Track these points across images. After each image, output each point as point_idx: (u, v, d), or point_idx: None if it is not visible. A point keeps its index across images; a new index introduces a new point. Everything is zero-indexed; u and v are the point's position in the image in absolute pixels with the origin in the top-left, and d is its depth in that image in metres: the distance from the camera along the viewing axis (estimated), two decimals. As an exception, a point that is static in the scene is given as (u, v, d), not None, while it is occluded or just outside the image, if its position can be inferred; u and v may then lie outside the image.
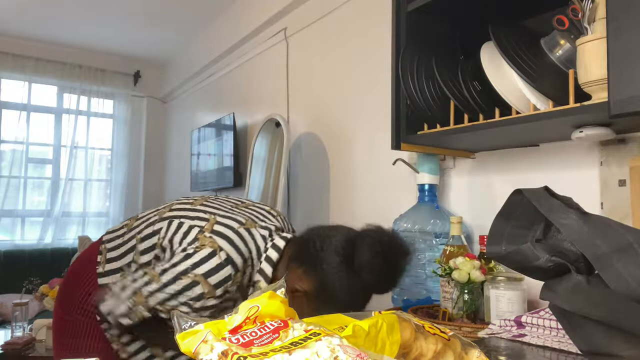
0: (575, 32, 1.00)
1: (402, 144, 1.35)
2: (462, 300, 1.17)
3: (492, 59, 1.14)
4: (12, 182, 4.12)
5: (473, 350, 0.58)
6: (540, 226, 0.68)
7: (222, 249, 0.96)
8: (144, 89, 4.75)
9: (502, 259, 0.69)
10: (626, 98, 0.83)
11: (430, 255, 1.45)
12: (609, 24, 0.86)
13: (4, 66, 4.06)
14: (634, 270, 0.55)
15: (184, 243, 1.00)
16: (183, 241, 1.00)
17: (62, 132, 4.37)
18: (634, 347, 0.61)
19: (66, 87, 4.38)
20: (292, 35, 2.61)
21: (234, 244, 0.98)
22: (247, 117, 3.22)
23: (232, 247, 0.97)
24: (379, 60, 1.94)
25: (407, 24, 1.35)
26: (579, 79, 0.98)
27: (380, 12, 1.92)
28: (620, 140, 1.15)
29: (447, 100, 1.26)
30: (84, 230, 4.43)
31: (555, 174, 1.32)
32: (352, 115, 2.13)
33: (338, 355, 0.42)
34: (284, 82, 2.66)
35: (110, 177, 4.63)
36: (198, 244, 0.97)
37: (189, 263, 0.94)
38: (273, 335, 0.46)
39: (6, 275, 3.73)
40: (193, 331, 0.48)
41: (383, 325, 0.52)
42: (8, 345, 2.21)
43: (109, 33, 3.98)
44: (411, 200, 1.70)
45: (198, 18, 3.51)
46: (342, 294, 0.95)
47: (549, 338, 0.93)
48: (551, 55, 1.11)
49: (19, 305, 2.40)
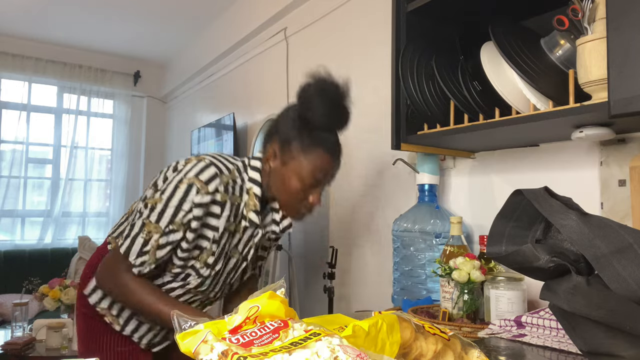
0: (575, 32, 1.00)
1: (402, 144, 1.35)
2: (462, 300, 1.17)
3: (492, 59, 1.14)
4: (12, 182, 4.12)
5: (473, 350, 0.58)
6: (540, 226, 0.68)
7: (206, 158, 1.11)
8: (144, 89, 4.75)
9: (502, 260, 0.69)
10: (626, 98, 0.83)
11: (430, 255, 1.45)
12: (609, 23, 0.86)
13: (4, 66, 4.07)
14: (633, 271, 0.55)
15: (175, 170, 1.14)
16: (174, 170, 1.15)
17: (62, 132, 4.37)
18: (634, 347, 0.61)
19: (66, 87, 4.38)
20: (292, 35, 2.61)
21: (216, 157, 1.14)
22: (247, 117, 3.22)
23: (215, 158, 1.12)
24: (379, 60, 1.93)
25: (407, 24, 1.35)
26: (579, 79, 0.98)
27: (380, 12, 1.92)
28: (620, 140, 1.15)
29: (447, 100, 1.26)
30: (84, 230, 4.43)
31: (555, 174, 1.32)
32: (352, 115, 2.13)
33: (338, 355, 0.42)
34: (284, 82, 2.66)
35: (110, 177, 4.63)
36: (185, 161, 1.13)
37: (181, 173, 1.09)
38: (273, 335, 0.46)
39: (6, 275, 3.73)
40: (193, 331, 0.48)
41: (383, 325, 0.52)
42: (8, 345, 2.21)
43: (109, 33, 3.98)
44: (411, 200, 1.70)
45: (198, 18, 3.51)
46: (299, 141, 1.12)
47: (549, 338, 0.93)
48: (551, 55, 1.11)
49: (19, 305, 2.40)
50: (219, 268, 1.17)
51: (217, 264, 1.16)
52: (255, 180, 1.15)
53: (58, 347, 2.27)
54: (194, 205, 1.06)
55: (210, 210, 1.09)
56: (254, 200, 1.14)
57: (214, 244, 1.13)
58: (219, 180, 1.08)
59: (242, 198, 1.14)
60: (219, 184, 1.08)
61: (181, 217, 1.06)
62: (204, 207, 1.07)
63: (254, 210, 1.14)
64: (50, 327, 2.30)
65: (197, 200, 1.06)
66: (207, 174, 1.07)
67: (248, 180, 1.15)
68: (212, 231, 1.12)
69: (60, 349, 2.26)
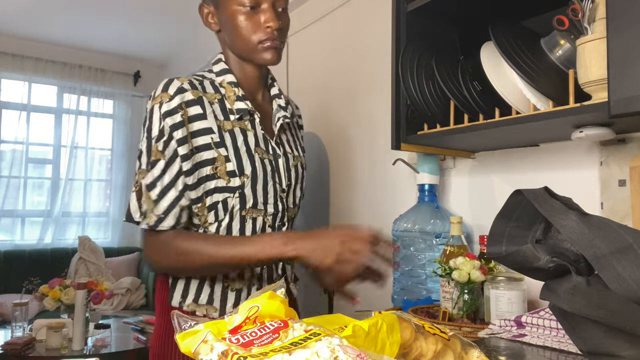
0: (575, 32, 1.00)
1: (402, 144, 1.35)
2: (462, 300, 1.17)
3: (492, 59, 1.14)
4: (12, 182, 4.12)
5: (473, 350, 0.58)
6: (540, 226, 0.68)
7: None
8: (144, 89, 4.75)
9: (502, 260, 0.69)
10: (626, 98, 0.83)
11: (430, 255, 1.45)
12: (609, 23, 0.86)
13: (4, 66, 4.07)
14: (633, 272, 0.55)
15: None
16: None
17: (62, 132, 4.37)
18: (634, 347, 0.61)
19: (66, 87, 4.38)
20: (292, 35, 2.61)
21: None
22: (247, 117, 3.22)
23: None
24: (379, 60, 1.93)
25: (407, 24, 1.35)
26: (579, 79, 0.98)
27: (380, 12, 1.93)
28: (620, 140, 1.15)
29: (447, 100, 1.26)
30: (84, 230, 4.43)
31: (555, 174, 1.32)
32: (352, 115, 2.13)
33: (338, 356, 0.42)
34: (284, 82, 2.66)
35: (110, 177, 4.63)
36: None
37: (148, 107, 1.01)
38: (273, 335, 0.46)
39: (6, 275, 3.73)
40: (193, 331, 0.48)
41: (383, 325, 0.52)
42: (8, 346, 2.22)
43: (109, 33, 3.98)
44: (411, 200, 1.70)
45: (198, 18, 3.49)
46: None
47: (549, 338, 0.93)
48: (551, 55, 1.11)
49: (19, 305, 2.40)
50: (250, 172, 1.02)
51: (243, 168, 1.01)
52: (222, 69, 1.08)
53: (58, 347, 2.27)
54: (166, 115, 0.97)
55: (189, 114, 0.99)
56: (231, 89, 1.06)
57: (221, 148, 1.00)
58: (179, 82, 1.00)
59: (220, 94, 1.05)
60: (181, 84, 1.00)
61: (160, 143, 0.96)
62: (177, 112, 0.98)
63: (237, 98, 1.05)
64: (50, 327, 2.30)
65: (165, 109, 0.97)
66: (165, 84, 1.01)
67: (216, 75, 1.08)
68: (208, 134, 1.00)
69: (60, 349, 2.26)
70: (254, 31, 1.03)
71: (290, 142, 1.16)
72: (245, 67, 1.10)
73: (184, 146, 0.97)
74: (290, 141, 1.17)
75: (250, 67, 1.10)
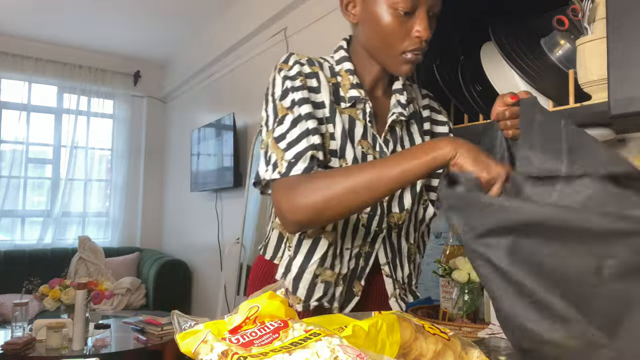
0: (575, 32, 1.00)
1: (402, 144, 1.34)
2: (462, 300, 1.17)
3: (492, 59, 1.14)
4: (12, 182, 4.12)
5: (473, 350, 0.58)
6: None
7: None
8: (144, 89, 4.75)
9: None
10: (626, 98, 0.83)
11: (430, 255, 1.45)
12: (609, 24, 0.86)
13: (4, 66, 4.07)
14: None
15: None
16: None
17: (62, 132, 4.38)
18: (561, 331, 0.55)
19: (66, 87, 4.39)
20: (292, 35, 2.61)
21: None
22: (247, 117, 3.22)
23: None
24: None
25: (407, 24, 1.35)
26: (579, 79, 0.98)
27: (380, 12, 1.92)
28: (620, 140, 1.15)
29: (447, 100, 1.26)
30: (84, 230, 4.43)
31: (555, 174, 1.31)
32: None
33: (338, 356, 0.42)
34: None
35: (110, 177, 4.63)
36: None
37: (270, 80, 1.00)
38: (273, 335, 0.46)
39: (6, 275, 3.73)
40: (193, 331, 0.48)
41: (383, 325, 0.52)
42: (8, 345, 2.22)
43: (109, 33, 3.98)
44: (411, 200, 1.70)
45: (198, 18, 3.51)
46: None
47: (549, 338, 0.92)
48: (551, 55, 1.11)
49: (19, 305, 2.40)
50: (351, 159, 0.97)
51: (345, 152, 0.96)
52: (342, 57, 1.02)
53: (58, 347, 2.27)
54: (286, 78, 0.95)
55: (307, 84, 0.96)
56: (347, 77, 1.00)
57: (329, 124, 0.96)
58: (297, 57, 0.99)
59: (336, 79, 1.01)
60: (299, 59, 0.98)
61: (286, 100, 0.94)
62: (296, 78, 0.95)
63: (351, 86, 1.00)
64: (50, 327, 2.30)
65: (285, 74, 0.96)
66: (285, 58, 0.99)
67: (336, 63, 1.02)
68: (321, 109, 0.97)
69: (60, 349, 2.26)
70: (402, 39, 0.93)
71: (405, 142, 1.07)
72: (371, 64, 1.03)
73: (307, 105, 0.94)
74: (405, 140, 1.07)
75: (377, 67, 1.02)
